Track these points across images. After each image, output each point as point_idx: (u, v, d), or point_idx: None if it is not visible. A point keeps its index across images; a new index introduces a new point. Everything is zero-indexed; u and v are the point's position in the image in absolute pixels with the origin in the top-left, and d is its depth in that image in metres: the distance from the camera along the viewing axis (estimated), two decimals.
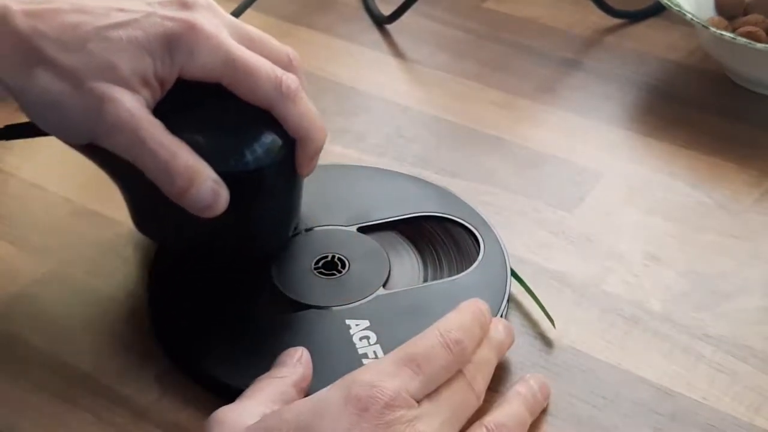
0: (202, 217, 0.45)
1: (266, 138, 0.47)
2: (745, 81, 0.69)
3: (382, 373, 0.41)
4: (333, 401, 0.40)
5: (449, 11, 0.78)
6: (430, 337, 0.43)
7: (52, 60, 0.44)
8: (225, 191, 0.46)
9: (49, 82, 0.44)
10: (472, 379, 0.44)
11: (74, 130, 0.45)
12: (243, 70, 0.46)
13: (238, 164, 0.46)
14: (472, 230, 0.54)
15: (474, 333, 0.45)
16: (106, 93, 0.44)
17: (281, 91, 0.47)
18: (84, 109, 0.44)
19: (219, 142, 0.47)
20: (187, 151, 0.45)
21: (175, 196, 0.45)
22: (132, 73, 0.45)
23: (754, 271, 0.54)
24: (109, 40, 0.45)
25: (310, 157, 0.49)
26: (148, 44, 0.45)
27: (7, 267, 0.54)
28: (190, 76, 0.46)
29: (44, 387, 0.48)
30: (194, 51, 0.46)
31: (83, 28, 0.45)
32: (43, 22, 0.45)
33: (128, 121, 0.44)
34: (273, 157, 0.47)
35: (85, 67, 0.44)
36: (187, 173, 0.44)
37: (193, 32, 0.46)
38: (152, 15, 0.46)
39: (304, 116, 0.48)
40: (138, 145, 0.44)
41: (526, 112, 0.67)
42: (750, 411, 0.47)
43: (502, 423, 0.43)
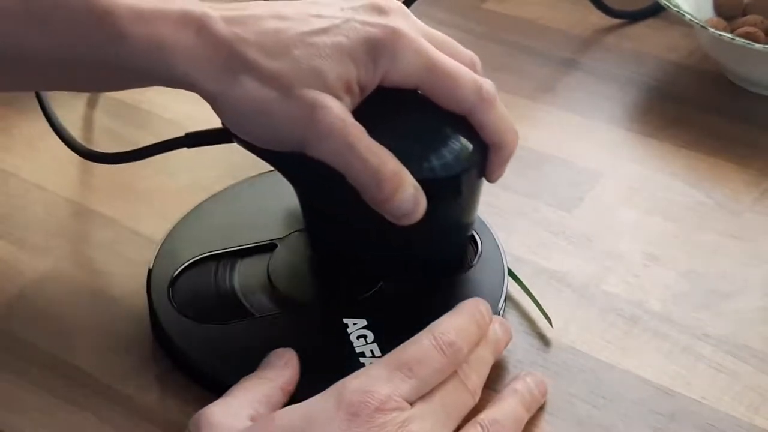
0: (398, 224, 0.45)
1: (461, 145, 0.47)
2: (743, 81, 0.69)
3: (373, 378, 0.42)
4: (325, 407, 0.40)
5: (449, 11, 0.78)
6: (424, 340, 0.43)
7: (257, 66, 0.44)
8: (424, 198, 0.45)
9: (256, 88, 0.43)
10: (466, 378, 0.44)
11: (279, 137, 0.45)
12: (444, 75, 0.46)
13: (435, 171, 0.46)
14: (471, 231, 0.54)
15: (469, 334, 0.45)
16: (316, 99, 0.43)
17: (482, 96, 0.46)
18: (293, 116, 0.44)
19: (416, 148, 0.46)
20: (393, 157, 0.44)
21: (379, 202, 0.44)
22: (337, 79, 0.44)
23: (753, 271, 0.54)
24: (314, 46, 0.44)
25: (503, 162, 0.48)
26: (352, 50, 0.44)
27: (7, 267, 0.54)
28: (392, 82, 0.46)
29: (44, 387, 0.48)
30: (397, 57, 0.45)
31: (286, 34, 0.44)
32: (244, 28, 0.44)
33: (339, 127, 0.43)
34: (467, 164, 0.47)
35: (292, 73, 0.44)
36: (396, 179, 0.44)
37: (396, 38, 0.45)
38: (351, 20, 0.45)
39: (501, 121, 0.47)
40: (348, 151, 0.43)
41: (526, 112, 0.67)
42: (750, 411, 0.47)
43: (497, 420, 0.43)
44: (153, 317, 0.50)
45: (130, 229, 0.56)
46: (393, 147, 0.44)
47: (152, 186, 0.60)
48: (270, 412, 0.42)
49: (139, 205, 0.58)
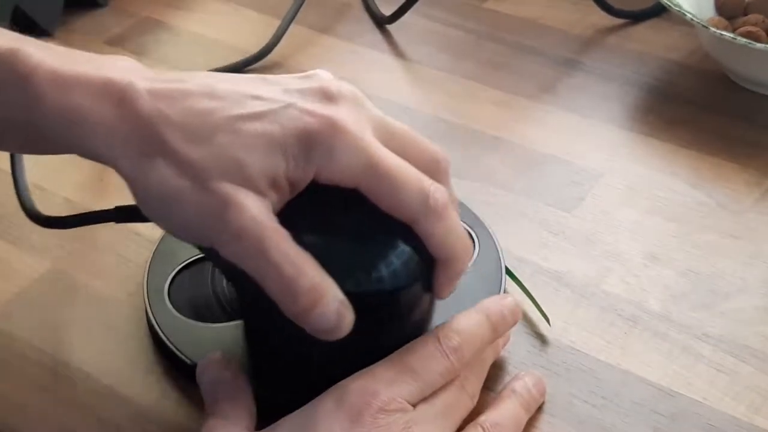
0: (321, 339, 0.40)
1: (402, 255, 0.42)
2: (745, 81, 0.69)
3: (377, 379, 0.41)
4: (325, 410, 0.40)
5: (449, 11, 0.78)
6: (429, 343, 0.43)
7: (174, 151, 0.39)
8: (350, 314, 0.40)
9: (169, 175, 0.39)
10: (465, 381, 0.44)
11: (191, 230, 0.40)
12: (386, 177, 0.41)
13: (369, 284, 0.42)
14: (467, 228, 0.54)
15: (476, 338, 0.44)
16: (230, 195, 0.39)
17: (428, 205, 0.41)
18: (204, 211, 0.39)
19: (349, 256, 0.42)
20: (314, 267, 0.39)
21: (296, 316, 0.39)
22: (261, 173, 0.39)
23: (754, 271, 0.54)
24: (241, 133, 0.40)
25: (452, 278, 0.43)
26: (283, 141, 0.40)
27: (7, 267, 0.54)
28: (327, 179, 0.41)
29: (44, 387, 0.48)
30: (334, 152, 0.40)
31: (213, 117, 0.40)
32: (170, 105, 0.40)
33: (252, 229, 0.39)
34: (408, 279, 0.42)
35: (210, 162, 0.39)
36: (313, 293, 0.39)
37: (334, 131, 0.40)
38: (291, 106, 0.41)
39: (450, 234, 0.42)
40: (260, 256, 0.39)
41: (526, 112, 0.67)
42: (750, 411, 0.47)
43: (497, 422, 0.44)
44: (150, 318, 0.50)
45: (129, 229, 0.56)
46: (322, 253, 0.40)
47: None
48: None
49: None
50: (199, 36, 0.75)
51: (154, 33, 0.75)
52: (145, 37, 0.74)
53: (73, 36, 0.74)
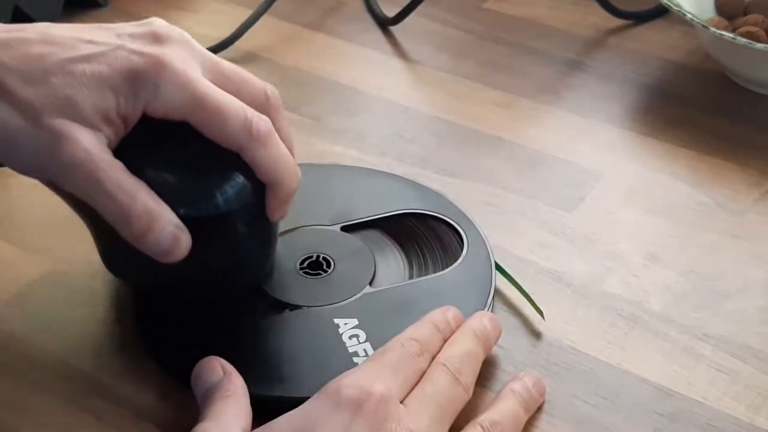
0: (161, 261, 0.44)
1: (233, 181, 0.45)
2: (745, 81, 0.69)
3: (366, 375, 0.42)
4: (324, 407, 0.41)
5: (450, 12, 0.78)
6: (396, 346, 0.44)
7: (10, 92, 0.42)
8: (186, 236, 0.44)
9: (7, 115, 0.42)
10: (457, 373, 0.44)
11: (31, 166, 0.44)
12: (211, 109, 0.44)
13: (202, 208, 0.45)
14: (455, 226, 0.54)
15: (431, 344, 0.45)
16: (63, 130, 0.42)
17: (251, 133, 0.45)
18: (40, 147, 0.42)
19: (183, 184, 0.45)
20: (147, 194, 0.43)
21: (133, 240, 0.43)
22: (93, 110, 0.43)
23: (754, 271, 0.54)
24: (72, 74, 0.43)
25: (281, 202, 0.47)
26: (112, 80, 0.43)
27: (7, 267, 0.54)
28: (156, 113, 0.44)
29: (44, 387, 0.48)
30: (159, 88, 0.44)
31: (48, 60, 0.43)
32: (8, 52, 0.43)
33: (85, 161, 0.42)
34: (239, 202, 0.45)
35: (44, 101, 0.42)
36: (146, 217, 0.43)
37: (160, 68, 0.44)
38: (120, 48, 0.44)
39: (274, 160, 0.45)
40: (94, 186, 0.42)
41: (527, 112, 0.67)
42: (750, 411, 0.47)
43: (496, 421, 0.44)
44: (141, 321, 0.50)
45: None
46: (157, 181, 0.43)
47: None
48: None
49: None
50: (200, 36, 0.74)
51: None
52: None
53: None
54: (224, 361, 0.45)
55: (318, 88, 0.69)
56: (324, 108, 0.67)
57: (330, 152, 0.63)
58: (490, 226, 0.56)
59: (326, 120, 0.66)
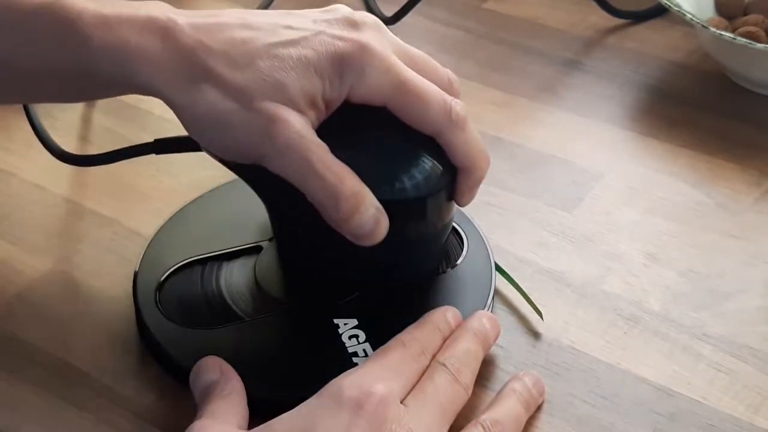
0: (359, 244, 0.44)
1: (429, 166, 0.46)
2: (744, 81, 0.69)
3: (367, 375, 0.42)
4: (324, 407, 0.41)
5: (449, 11, 0.78)
6: (397, 346, 0.44)
7: (219, 76, 0.43)
8: (386, 219, 0.44)
9: (217, 99, 0.43)
10: (457, 373, 0.44)
11: (239, 149, 0.44)
12: (413, 94, 0.45)
13: (400, 192, 0.45)
14: (455, 226, 0.54)
15: (432, 344, 0.46)
16: (275, 113, 0.42)
17: (450, 117, 0.45)
18: (252, 129, 0.43)
19: (381, 168, 0.45)
20: (353, 176, 0.43)
21: (337, 222, 0.43)
22: (301, 93, 0.43)
23: (753, 271, 0.54)
24: (279, 58, 0.43)
25: (472, 186, 0.47)
26: (319, 64, 0.44)
27: (7, 267, 0.54)
28: (359, 98, 0.45)
29: (44, 387, 0.48)
30: (365, 73, 0.44)
31: (252, 45, 0.44)
32: (210, 36, 0.43)
33: (297, 143, 0.42)
34: (434, 186, 0.46)
35: (254, 85, 0.43)
36: (353, 199, 0.43)
37: (364, 53, 0.44)
38: (321, 33, 0.44)
39: (470, 144, 0.46)
40: (306, 167, 0.42)
41: (526, 112, 0.67)
42: (749, 411, 0.47)
43: (498, 420, 0.44)
44: (140, 323, 0.50)
45: (129, 229, 0.56)
46: (357, 165, 0.44)
47: (152, 186, 0.60)
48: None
49: (139, 206, 0.58)
50: None
51: None
52: None
53: None
54: (222, 361, 0.45)
55: None
56: None
57: None
58: (490, 226, 0.56)
59: None
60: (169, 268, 0.52)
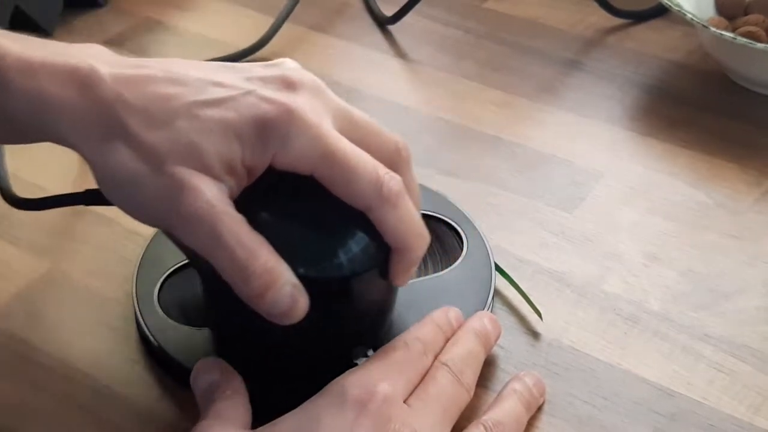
0: (275, 323, 0.41)
1: (358, 242, 0.43)
2: (745, 81, 0.69)
3: (371, 375, 0.42)
4: (328, 405, 0.41)
5: (449, 11, 0.78)
6: (400, 345, 0.44)
7: (133, 134, 0.40)
8: (304, 298, 0.41)
9: (128, 158, 0.40)
10: (460, 374, 0.44)
11: (148, 213, 0.41)
12: (341, 165, 0.41)
13: (323, 269, 0.42)
14: (455, 226, 0.54)
15: (435, 344, 0.46)
16: (185, 180, 0.39)
17: (381, 193, 0.41)
18: (160, 195, 0.40)
19: (305, 241, 0.42)
20: (268, 251, 0.40)
21: (250, 299, 0.40)
22: (218, 159, 0.40)
23: (753, 271, 0.54)
24: (199, 119, 0.40)
25: (407, 267, 0.44)
26: (240, 128, 0.40)
27: (7, 267, 0.54)
28: (284, 166, 0.41)
29: (44, 387, 0.48)
30: (289, 140, 0.41)
31: (174, 102, 0.41)
32: (131, 90, 0.41)
33: (207, 213, 0.39)
34: (363, 265, 0.43)
35: (168, 146, 0.40)
36: (266, 276, 0.40)
37: (291, 118, 0.41)
38: (250, 94, 0.41)
39: (404, 223, 0.42)
40: (214, 240, 0.39)
41: (526, 112, 0.67)
42: (750, 411, 0.47)
43: (499, 421, 0.44)
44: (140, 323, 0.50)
45: (129, 230, 0.56)
46: (277, 238, 0.40)
47: None
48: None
49: None
50: (199, 36, 0.75)
51: (154, 33, 0.75)
52: (145, 37, 0.74)
53: (72, 36, 0.74)
54: (223, 362, 0.45)
55: None
56: None
57: None
58: (489, 226, 0.56)
59: None
60: (169, 268, 0.52)
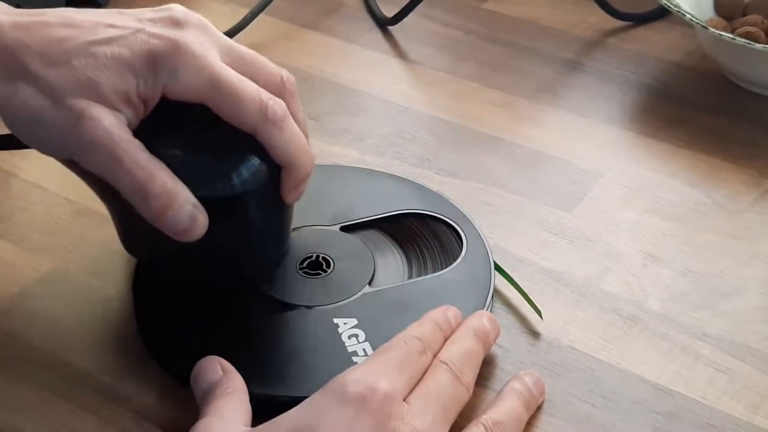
0: (178, 240, 0.45)
1: (249, 163, 0.46)
2: (743, 81, 0.69)
3: (371, 372, 0.42)
4: (328, 402, 0.41)
5: (449, 12, 0.78)
6: (400, 343, 0.45)
7: (34, 74, 0.44)
8: (203, 216, 0.45)
9: (30, 96, 0.44)
10: (459, 372, 0.44)
11: (53, 145, 0.45)
12: (227, 92, 0.45)
13: (219, 189, 0.45)
14: (454, 226, 0.55)
15: (433, 342, 0.46)
16: (85, 110, 0.43)
17: (266, 116, 0.46)
18: (62, 126, 0.44)
19: (200, 164, 0.46)
20: (166, 173, 0.44)
21: (151, 219, 0.44)
22: (114, 91, 0.44)
23: (752, 271, 0.54)
24: (94, 56, 0.44)
25: (296, 184, 0.48)
26: (132, 62, 0.44)
27: (7, 267, 0.55)
28: (175, 95, 0.45)
29: (44, 387, 0.48)
30: (178, 71, 0.45)
31: (69, 43, 0.44)
32: (30, 35, 0.44)
33: (105, 139, 0.43)
34: (255, 183, 0.46)
35: (66, 83, 0.44)
36: (164, 196, 0.43)
37: (178, 51, 0.45)
38: (140, 32, 0.45)
39: (289, 143, 0.46)
40: (114, 164, 0.43)
41: (526, 113, 0.67)
42: (748, 410, 0.47)
43: (499, 420, 0.44)
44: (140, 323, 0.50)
45: None
46: (175, 162, 0.44)
47: None
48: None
49: None
50: None
51: None
52: None
53: None
54: (223, 360, 0.45)
55: (317, 88, 0.69)
56: (323, 108, 0.67)
57: (329, 152, 0.63)
58: (489, 226, 0.56)
59: (326, 120, 0.66)
60: None
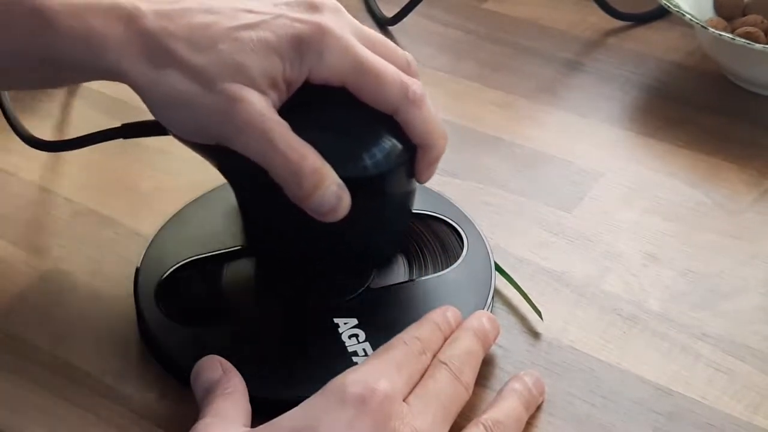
0: (322, 221, 0.45)
1: (388, 143, 0.46)
2: (743, 81, 0.69)
3: (370, 373, 0.42)
4: (328, 403, 0.41)
5: (449, 12, 0.78)
6: (399, 344, 0.45)
7: (182, 60, 0.44)
8: (347, 196, 0.45)
9: (179, 81, 0.44)
10: (458, 372, 0.44)
11: (202, 130, 0.45)
12: (370, 73, 0.46)
13: (360, 169, 0.46)
14: (455, 226, 0.55)
15: (433, 343, 0.46)
16: (237, 94, 0.44)
17: (407, 96, 0.46)
18: (214, 110, 0.44)
19: (342, 146, 0.46)
20: (315, 154, 0.44)
21: (300, 199, 0.44)
22: (261, 74, 0.44)
23: (752, 271, 0.55)
24: (240, 40, 0.45)
25: (431, 163, 0.48)
26: (278, 46, 0.45)
27: (7, 267, 0.55)
28: (319, 79, 0.46)
29: (44, 386, 0.48)
30: (323, 53, 0.45)
31: (213, 29, 0.45)
32: (173, 22, 0.45)
33: (259, 122, 0.44)
34: (394, 163, 0.46)
35: (215, 67, 0.44)
36: (315, 176, 0.44)
37: (323, 34, 0.45)
38: (281, 17, 0.46)
39: (427, 122, 0.47)
40: (267, 146, 0.44)
41: (526, 113, 0.67)
42: (748, 410, 0.47)
43: (499, 420, 0.44)
44: (141, 323, 0.50)
45: (130, 229, 0.56)
46: (318, 143, 0.44)
47: (152, 186, 0.60)
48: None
49: (140, 205, 0.58)
50: None
51: None
52: None
53: None
54: (223, 360, 0.45)
55: None
56: None
57: None
58: (489, 226, 0.56)
59: None
60: (169, 268, 0.52)
